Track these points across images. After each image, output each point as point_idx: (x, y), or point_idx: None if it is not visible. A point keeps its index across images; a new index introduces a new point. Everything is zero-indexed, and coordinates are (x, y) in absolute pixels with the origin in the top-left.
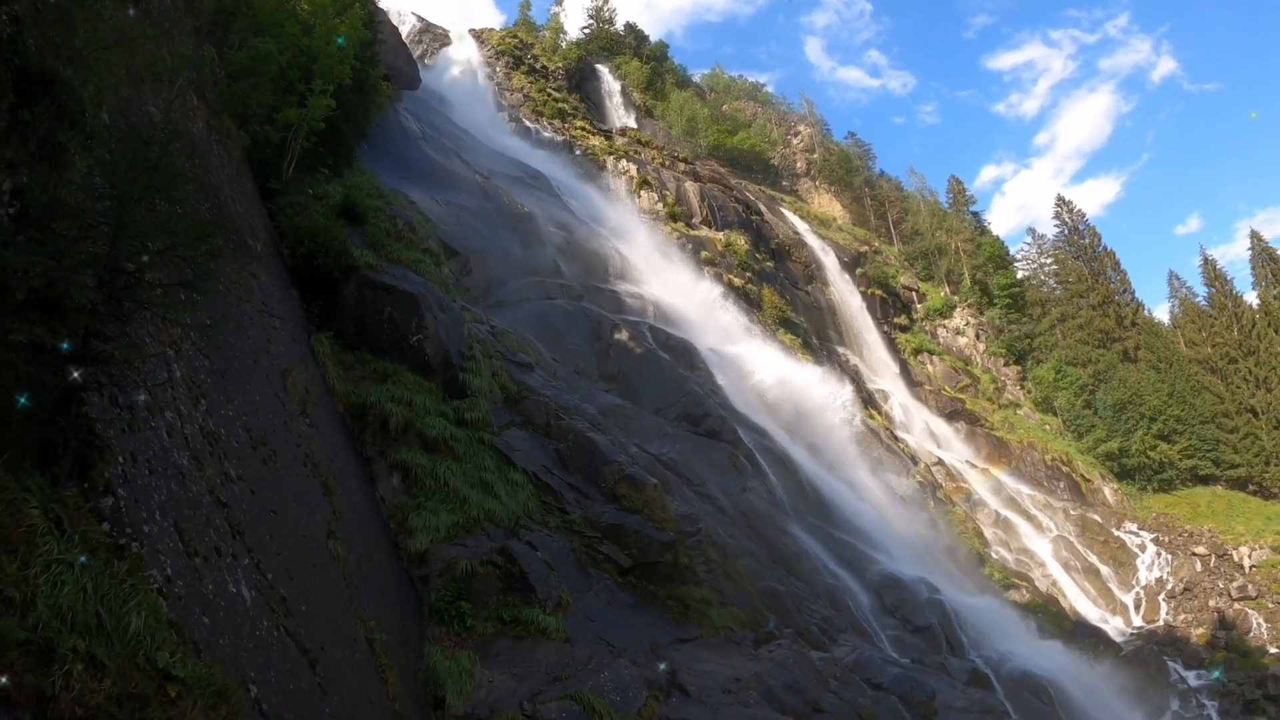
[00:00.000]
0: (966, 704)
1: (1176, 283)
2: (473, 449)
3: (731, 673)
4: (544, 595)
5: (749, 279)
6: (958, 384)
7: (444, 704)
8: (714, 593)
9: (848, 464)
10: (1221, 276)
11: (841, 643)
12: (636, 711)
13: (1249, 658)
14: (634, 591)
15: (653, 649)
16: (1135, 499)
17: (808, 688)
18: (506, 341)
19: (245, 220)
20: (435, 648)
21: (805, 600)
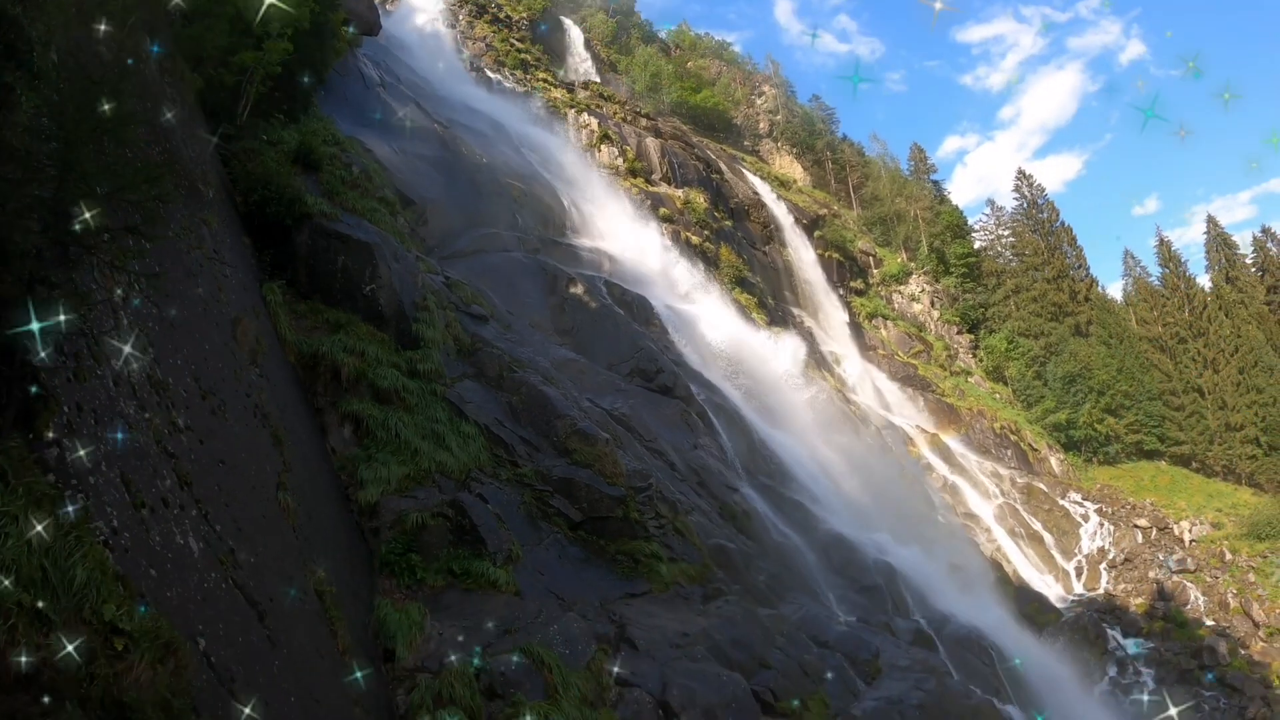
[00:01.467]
0: (910, 663)
1: (1131, 261)
2: (424, 401)
3: (680, 628)
4: (494, 548)
5: (707, 237)
6: (911, 350)
7: (394, 656)
8: (664, 548)
9: (798, 424)
10: (1176, 258)
11: (789, 600)
12: (585, 664)
13: (1185, 629)
14: (584, 546)
15: (602, 603)
16: (1081, 470)
17: (755, 644)
18: (461, 293)
19: (197, 166)
20: (385, 600)
21: (754, 558)
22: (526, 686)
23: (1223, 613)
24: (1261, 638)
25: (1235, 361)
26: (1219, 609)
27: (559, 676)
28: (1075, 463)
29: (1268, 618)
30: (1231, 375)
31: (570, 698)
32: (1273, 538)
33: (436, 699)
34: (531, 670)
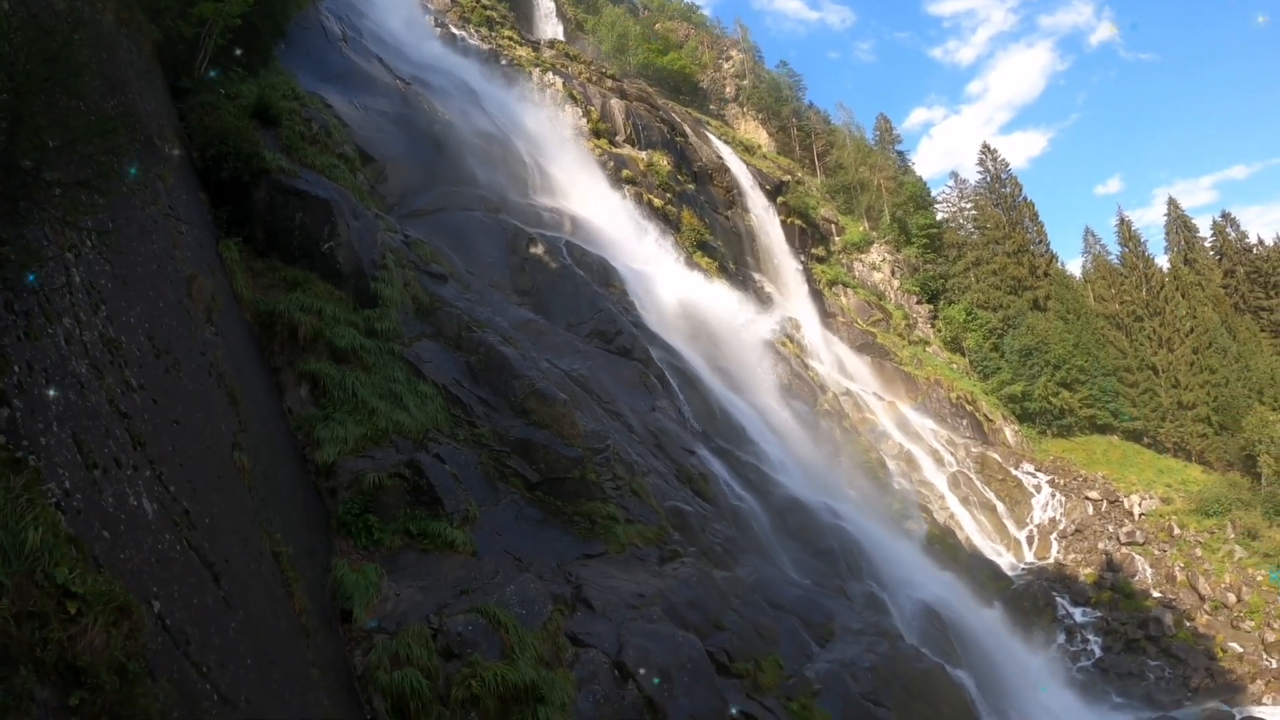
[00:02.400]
0: (863, 627)
1: (1092, 239)
2: (382, 360)
3: (636, 589)
4: (451, 509)
5: (669, 200)
6: (870, 318)
7: (351, 617)
8: (620, 510)
9: (757, 388)
10: (1136, 238)
11: (744, 563)
12: (541, 625)
13: (1133, 599)
14: (541, 506)
15: (559, 564)
16: (1034, 441)
17: (710, 605)
18: (420, 252)
19: (154, 119)
20: (342, 561)
21: (710, 520)
22: (483, 647)
23: (1169, 585)
24: (1206, 611)
25: (1190, 342)
26: (1166, 581)
27: (515, 637)
28: (1029, 434)
29: (1213, 592)
30: (1185, 355)
31: (527, 658)
32: (1220, 514)
33: (394, 660)
34: (488, 631)
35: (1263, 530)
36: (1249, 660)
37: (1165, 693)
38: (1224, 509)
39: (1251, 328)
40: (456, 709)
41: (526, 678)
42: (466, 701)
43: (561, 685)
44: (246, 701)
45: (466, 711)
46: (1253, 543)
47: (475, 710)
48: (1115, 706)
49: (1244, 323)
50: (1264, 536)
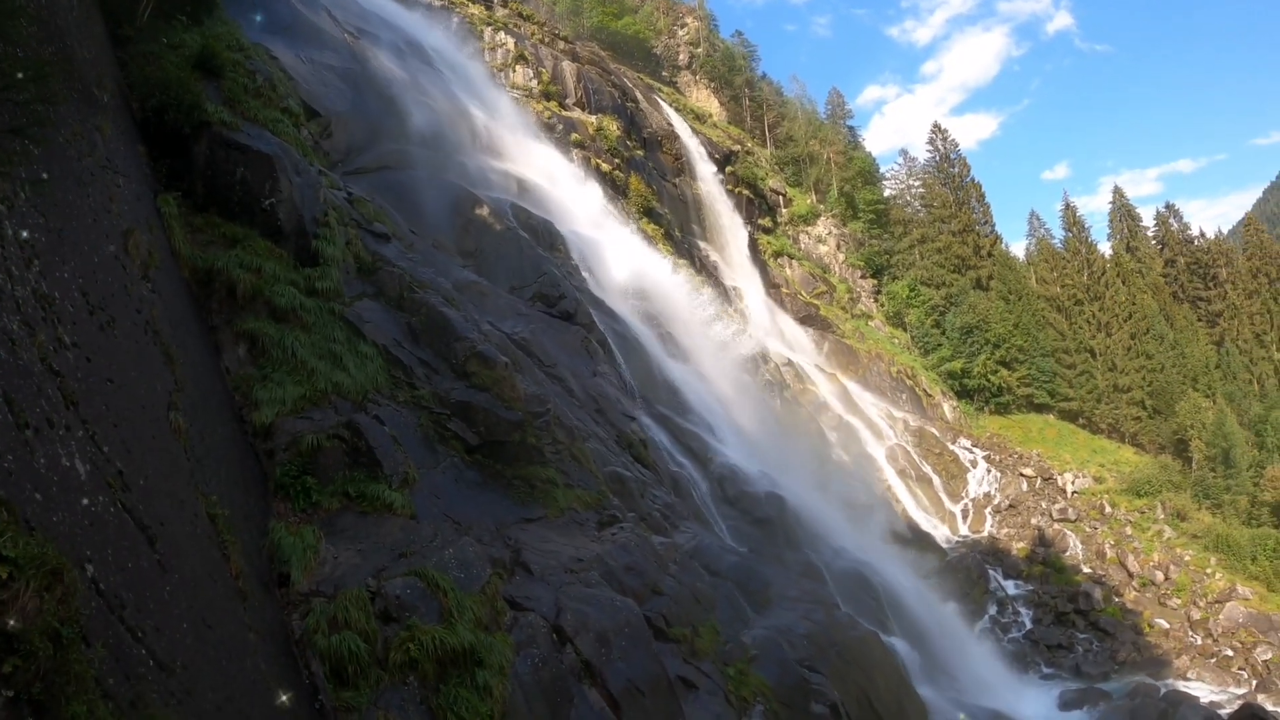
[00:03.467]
0: (799, 594)
1: (1036, 223)
2: (322, 320)
3: (574, 553)
4: (390, 471)
5: (617, 165)
6: (814, 290)
7: (288, 581)
8: (560, 474)
9: (698, 356)
10: (1080, 223)
11: (682, 529)
12: (480, 589)
13: (1063, 574)
14: (481, 470)
15: (498, 527)
16: (972, 418)
17: (648, 570)
18: (363, 210)
19: (93, 68)
20: (280, 524)
21: (649, 486)
22: (421, 610)
23: (1099, 561)
24: (1135, 587)
25: (1128, 327)
26: (1096, 558)
27: (454, 600)
28: (967, 410)
29: (1141, 569)
30: (1123, 340)
31: (465, 621)
32: (1151, 495)
33: (332, 623)
34: (426, 594)
35: (1191, 512)
36: (1175, 636)
37: (1093, 665)
38: (1155, 490)
39: (1189, 317)
40: (395, 672)
41: (465, 641)
42: (405, 665)
43: (500, 649)
44: (183, 666)
45: (405, 675)
46: (1181, 524)
47: (413, 674)
48: (1044, 677)
49: (1182, 311)
50: (1192, 518)
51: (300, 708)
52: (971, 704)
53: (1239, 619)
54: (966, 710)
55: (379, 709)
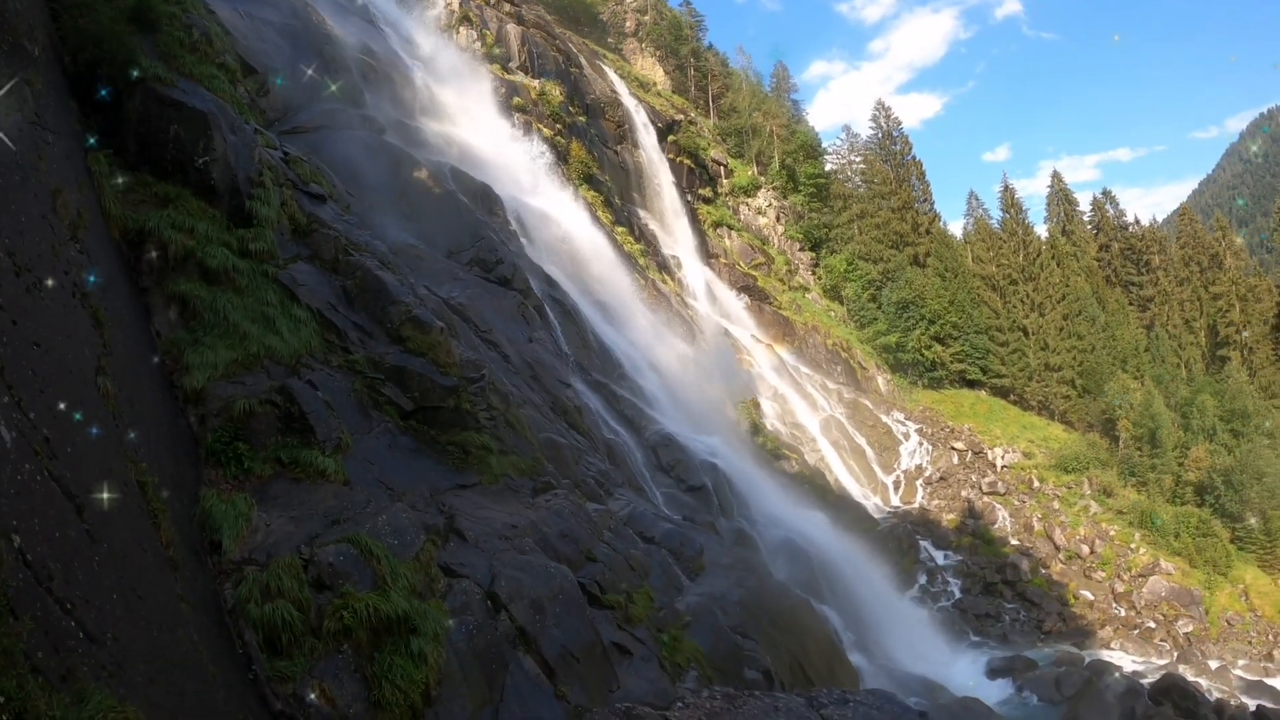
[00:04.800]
0: (733, 562)
1: (975, 203)
2: (256, 282)
3: (509, 520)
4: (324, 437)
5: (559, 131)
6: (752, 261)
7: (220, 549)
8: (495, 440)
9: (634, 324)
10: (1018, 205)
11: (617, 496)
12: (414, 556)
13: (992, 546)
14: (415, 435)
15: (432, 494)
16: (905, 391)
17: (582, 537)
18: (300, 170)
19: (23, 19)
20: (211, 491)
21: (584, 453)
22: (355, 578)
23: (1027, 534)
24: (1061, 560)
25: (1061, 308)
26: (1024, 531)
27: (388, 567)
28: (901, 384)
29: (1068, 542)
30: (1056, 320)
31: (399, 589)
32: (1078, 471)
33: (264, 592)
34: (360, 561)
35: (1117, 489)
36: (1099, 608)
37: (1020, 634)
38: (1082, 467)
39: (1121, 300)
40: (329, 641)
41: (399, 608)
42: (339, 633)
43: (434, 616)
44: (113, 639)
45: (339, 643)
46: (1107, 500)
47: (348, 642)
48: (972, 645)
49: (1114, 295)
50: (1118, 495)
51: (234, 678)
52: (901, 671)
53: (1161, 593)
54: (896, 677)
55: (313, 678)
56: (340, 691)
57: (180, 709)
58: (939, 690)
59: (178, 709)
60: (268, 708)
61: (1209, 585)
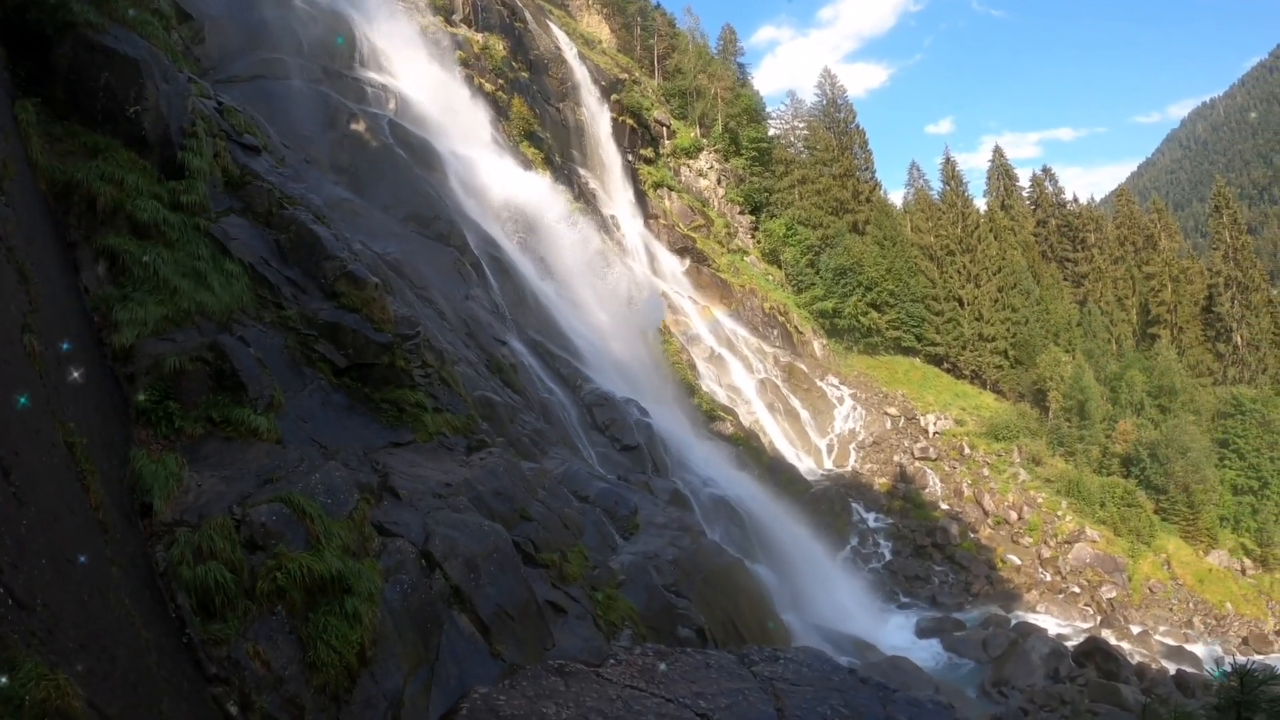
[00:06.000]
0: (666, 521)
1: (917, 174)
2: (187, 236)
3: (443, 478)
4: (256, 394)
5: (501, 86)
6: (692, 223)
7: (151, 510)
8: (429, 398)
9: (573, 283)
10: (959, 178)
11: (552, 455)
12: (347, 514)
13: (922, 510)
14: (348, 393)
15: (365, 452)
16: (841, 356)
17: (516, 496)
18: (234, 120)
19: None
20: (141, 451)
21: (519, 411)
22: (288, 538)
23: (957, 499)
24: (990, 525)
25: (997, 280)
26: (954, 496)
27: (321, 526)
28: (836, 349)
29: (996, 508)
30: (991, 292)
31: (333, 548)
32: (1008, 439)
33: (196, 553)
34: (293, 521)
35: (1045, 458)
36: (1026, 572)
37: (948, 596)
38: (1012, 435)
39: (1055, 275)
40: (263, 602)
41: (333, 568)
42: (272, 594)
43: (369, 575)
44: (43, 605)
45: (273, 604)
46: (1036, 468)
47: (281, 603)
48: (902, 606)
49: (1049, 270)
50: (1046, 463)
51: (167, 643)
52: (833, 630)
53: (1086, 559)
54: (828, 635)
55: (247, 640)
56: (275, 653)
57: (112, 675)
58: (869, 649)
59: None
60: (202, 672)
61: (1132, 554)
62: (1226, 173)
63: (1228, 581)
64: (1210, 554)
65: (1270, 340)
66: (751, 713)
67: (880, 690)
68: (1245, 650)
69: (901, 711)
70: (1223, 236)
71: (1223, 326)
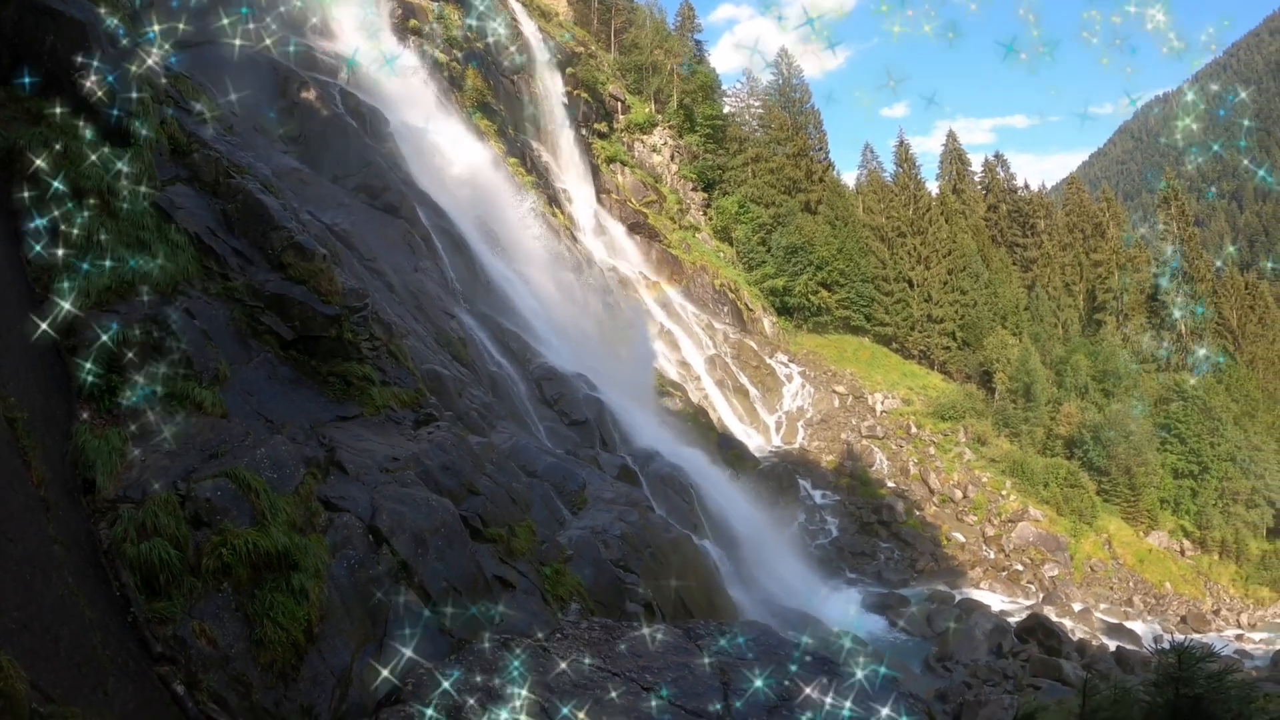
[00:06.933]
0: (615, 496)
1: (870, 155)
2: (132, 205)
3: (390, 452)
4: (201, 367)
5: (455, 57)
6: (644, 199)
7: (94, 487)
8: (377, 371)
9: (523, 257)
10: (912, 161)
11: (500, 430)
12: (294, 489)
13: (869, 487)
14: (295, 366)
15: (312, 426)
16: (791, 334)
17: (464, 470)
18: (182, 87)
19: None
20: (84, 426)
21: (468, 385)
22: (233, 513)
23: (903, 477)
24: (935, 503)
25: (946, 263)
26: (900, 474)
27: (267, 501)
28: (786, 327)
29: (942, 487)
30: (941, 274)
31: (279, 523)
32: (954, 419)
33: (141, 530)
34: (239, 496)
35: (991, 438)
36: (970, 550)
37: (894, 572)
38: (959, 415)
39: (1005, 260)
40: (208, 579)
41: (279, 544)
42: (218, 571)
43: (315, 551)
44: None
45: (219, 581)
46: (981, 448)
47: (227, 580)
48: (849, 581)
49: (998, 254)
50: (991, 444)
51: (112, 621)
52: (780, 605)
53: (1030, 538)
54: (774, 610)
55: (193, 618)
56: (221, 631)
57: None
58: (815, 624)
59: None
60: (148, 651)
61: (1075, 533)
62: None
63: (1167, 562)
64: (1150, 535)
65: (1213, 329)
66: (698, 686)
67: (825, 664)
68: (1184, 629)
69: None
70: (1170, 227)
71: (1167, 314)
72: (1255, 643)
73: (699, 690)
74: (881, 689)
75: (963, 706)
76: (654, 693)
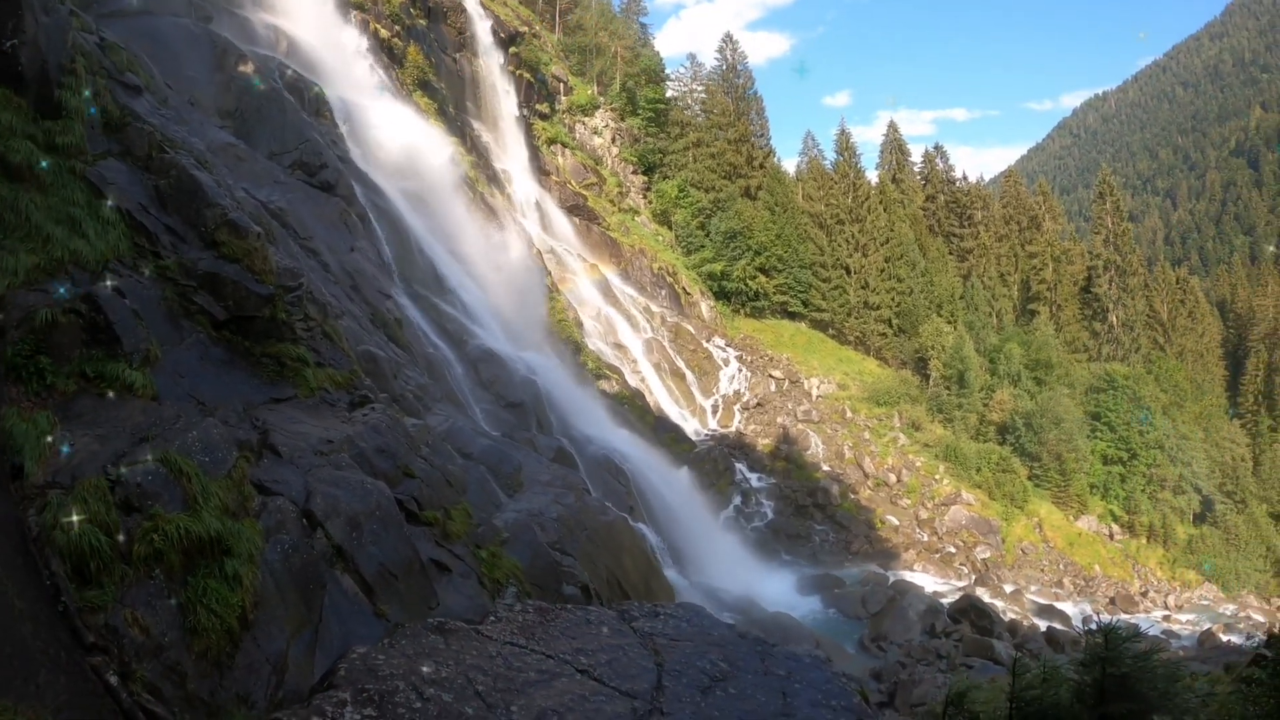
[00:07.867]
0: (551, 478)
1: (811, 143)
2: (62, 179)
3: (325, 435)
4: (131, 348)
5: (397, 33)
6: (584, 180)
7: (22, 472)
8: (311, 352)
9: (461, 238)
10: (852, 149)
11: (436, 411)
12: (226, 473)
13: (804, 471)
14: (228, 347)
15: (245, 408)
16: (728, 319)
17: (400, 452)
18: (116, 58)
19: None
20: (11, 409)
21: (403, 367)
22: (165, 498)
23: (838, 461)
24: (870, 486)
25: (884, 251)
26: (835, 458)
27: (199, 486)
28: (724, 311)
29: (876, 471)
30: (878, 262)
31: (211, 508)
32: (889, 405)
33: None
34: (170, 480)
35: (925, 423)
36: (903, 532)
37: (829, 554)
38: (893, 401)
39: (941, 249)
40: (140, 566)
41: (211, 529)
42: (150, 557)
43: (248, 535)
44: None
45: (150, 568)
46: (915, 433)
47: (159, 566)
48: (784, 563)
49: (935, 244)
50: (925, 429)
51: (42, 611)
52: (715, 587)
53: (962, 521)
54: (711, 592)
55: (125, 606)
56: (154, 619)
57: None
58: (751, 605)
59: None
60: (80, 641)
61: (1006, 517)
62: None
63: (1096, 545)
64: (1080, 519)
65: (1144, 321)
66: (631, 668)
67: (759, 645)
68: (1112, 610)
69: (780, 665)
70: (1104, 222)
71: (1099, 306)
72: (1182, 623)
73: (633, 671)
74: (813, 668)
75: (897, 685)
76: (588, 674)
